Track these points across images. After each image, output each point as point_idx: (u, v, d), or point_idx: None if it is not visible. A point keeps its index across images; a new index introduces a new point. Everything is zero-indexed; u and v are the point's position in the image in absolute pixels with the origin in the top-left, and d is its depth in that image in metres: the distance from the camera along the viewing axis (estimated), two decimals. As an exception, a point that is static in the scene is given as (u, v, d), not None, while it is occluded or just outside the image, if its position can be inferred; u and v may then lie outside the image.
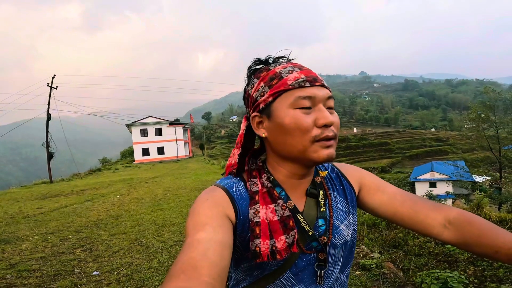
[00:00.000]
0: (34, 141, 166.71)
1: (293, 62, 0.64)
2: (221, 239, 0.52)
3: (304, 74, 0.60)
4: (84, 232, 4.74)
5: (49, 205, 7.58)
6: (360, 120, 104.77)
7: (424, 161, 45.43)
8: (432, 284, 2.09)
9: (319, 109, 0.59)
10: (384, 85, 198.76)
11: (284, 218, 0.61)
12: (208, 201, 0.60)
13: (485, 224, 0.61)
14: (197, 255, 0.47)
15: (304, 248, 0.63)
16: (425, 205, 0.67)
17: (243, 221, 0.61)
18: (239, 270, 0.66)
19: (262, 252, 0.58)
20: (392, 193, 0.70)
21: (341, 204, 0.70)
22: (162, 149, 36.41)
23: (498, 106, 17.95)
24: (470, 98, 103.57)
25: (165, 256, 3.51)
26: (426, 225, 0.65)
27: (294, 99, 0.58)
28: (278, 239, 0.59)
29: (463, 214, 0.64)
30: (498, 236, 0.57)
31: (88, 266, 3.24)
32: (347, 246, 0.68)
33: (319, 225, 0.65)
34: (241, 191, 0.64)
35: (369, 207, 0.72)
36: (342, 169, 0.76)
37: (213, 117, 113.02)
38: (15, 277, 2.94)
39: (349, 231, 0.68)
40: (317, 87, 0.59)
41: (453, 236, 0.63)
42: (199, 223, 0.55)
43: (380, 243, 4.01)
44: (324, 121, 0.58)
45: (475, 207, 5.70)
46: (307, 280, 0.64)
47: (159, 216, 5.71)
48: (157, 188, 10.10)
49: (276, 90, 0.59)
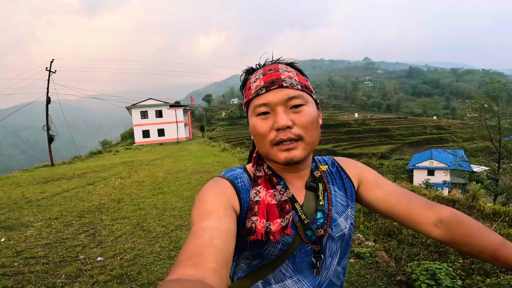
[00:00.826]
0: (34, 124, 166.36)
1: (267, 66, 0.67)
2: (226, 228, 0.54)
3: (264, 80, 0.63)
4: (87, 217, 4.84)
5: (52, 189, 7.69)
6: (362, 106, 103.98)
7: (424, 148, 45.48)
8: (421, 275, 2.18)
9: (275, 112, 0.62)
10: (388, 72, 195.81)
11: (282, 202, 0.64)
12: (213, 191, 0.62)
13: (474, 225, 0.64)
14: (203, 243, 0.49)
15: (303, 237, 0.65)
16: (419, 203, 0.70)
17: (246, 211, 0.63)
18: (240, 259, 0.68)
19: (257, 230, 0.59)
20: (389, 190, 0.73)
21: (340, 198, 0.72)
22: (162, 131, 36.40)
23: (502, 97, 17.80)
24: (474, 88, 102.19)
25: (167, 241, 3.61)
26: (419, 223, 0.69)
27: (253, 107, 0.64)
28: (274, 221, 0.61)
29: (454, 215, 0.67)
30: (484, 237, 0.61)
31: (92, 251, 3.34)
32: (344, 239, 0.71)
33: (317, 218, 0.67)
34: (245, 182, 0.67)
35: (366, 202, 0.75)
36: (343, 164, 0.78)
37: (213, 99, 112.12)
38: (22, 264, 3.01)
39: (347, 225, 0.71)
40: (274, 90, 0.62)
41: (443, 234, 0.67)
42: (205, 212, 0.57)
43: (375, 231, 4.11)
44: (276, 125, 0.61)
45: (470, 198, 5.80)
46: (305, 271, 0.67)
47: (159, 200, 5.82)
48: (158, 170, 10.19)
49: (246, 100, 0.67)
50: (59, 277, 2.71)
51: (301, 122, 0.61)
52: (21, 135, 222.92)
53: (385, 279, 2.49)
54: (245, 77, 0.71)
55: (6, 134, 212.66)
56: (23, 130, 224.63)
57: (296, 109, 0.62)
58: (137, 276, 2.71)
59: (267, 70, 0.65)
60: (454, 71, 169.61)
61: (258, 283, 0.67)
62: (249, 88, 0.66)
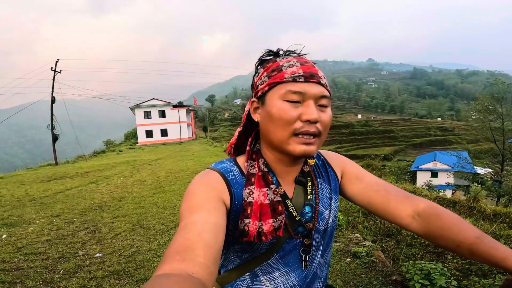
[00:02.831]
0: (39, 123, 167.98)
1: (301, 57, 0.66)
2: (215, 222, 0.53)
3: (302, 69, 0.62)
4: (88, 214, 4.89)
5: (55, 187, 7.76)
6: (365, 107, 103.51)
7: (427, 150, 45.19)
8: (415, 275, 2.17)
9: (307, 104, 0.61)
10: (392, 73, 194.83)
11: (274, 202, 0.64)
12: (203, 184, 0.62)
13: (451, 218, 0.62)
14: (192, 237, 0.48)
15: (292, 233, 0.66)
16: (397, 195, 0.69)
17: (237, 205, 0.63)
18: (230, 252, 0.69)
19: (249, 232, 0.60)
20: (369, 182, 0.73)
21: (326, 191, 0.73)
22: (165, 131, 36.56)
23: (506, 98, 17.62)
24: (479, 89, 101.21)
25: (165, 238, 3.63)
26: (396, 216, 0.68)
27: (285, 91, 0.61)
28: (266, 222, 0.61)
29: (431, 207, 0.66)
30: (461, 231, 0.59)
31: (91, 248, 3.37)
32: (328, 232, 0.71)
33: (305, 212, 0.68)
34: (236, 176, 0.67)
35: (347, 195, 0.76)
36: (327, 157, 0.79)
37: (216, 100, 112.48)
38: (22, 260, 3.04)
39: (331, 217, 0.71)
40: (312, 83, 0.61)
41: (420, 227, 0.65)
42: (194, 205, 0.56)
43: (374, 231, 4.10)
44: (307, 117, 0.59)
45: (471, 199, 5.76)
46: (293, 264, 0.68)
47: (160, 198, 5.86)
48: (160, 170, 10.24)
49: (272, 81, 0.63)
50: (58, 273, 2.75)
51: (324, 121, 0.62)
52: (26, 134, 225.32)
53: (380, 279, 2.49)
54: (265, 57, 0.69)
55: (11, 133, 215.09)
56: (28, 129, 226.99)
57: (322, 108, 0.63)
58: (134, 272, 2.73)
59: (303, 61, 0.64)
60: (459, 73, 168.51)
61: (245, 276, 0.68)
62: (280, 70, 0.63)
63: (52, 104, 17.86)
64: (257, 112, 0.67)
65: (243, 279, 0.68)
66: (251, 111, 0.69)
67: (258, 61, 0.70)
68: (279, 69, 0.63)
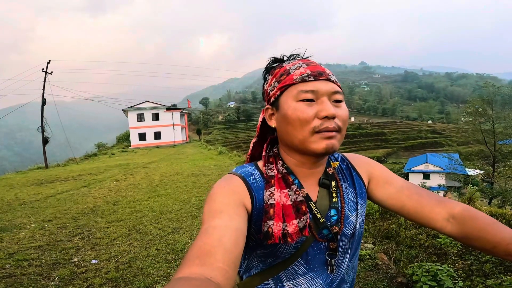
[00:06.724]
0: (29, 125, 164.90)
1: (306, 59, 0.67)
2: (236, 227, 0.53)
3: (310, 69, 0.63)
4: (82, 219, 4.76)
5: (45, 191, 7.58)
6: (358, 110, 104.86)
7: (419, 152, 45.90)
8: (422, 277, 2.16)
9: (322, 101, 0.61)
10: (384, 76, 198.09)
11: (297, 203, 0.63)
12: (225, 189, 0.62)
13: (487, 219, 0.63)
14: (212, 241, 0.49)
15: (317, 236, 0.65)
16: (431, 199, 0.69)
17: (259, 209, 0.63)
18: (252, 257, 0.67)
19: (274, 234, 0.59)
20: (400, 187, 0.72)
21: (351, 195, 0.72)
22: (158, 134, 36.25)
23: (496, 101, 18.04)
24: (469, 92, 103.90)
25: (163, 243, 3.55)
26: (431, 219, 0.68)
27: (297, 92, 0.62)
28: (290, 223, 0.60)
29: (467, 210, 0.66)
30: (497, 232, 0.60)
31: (86, 254, 3.26)
32: (356, 236, 0.70)
33: (331, 215, 0.67)
34: (257, 180, 0.66)
35: (377, 199, 0.75)
36: (352, 160, 0.77)
37: (210, 102, 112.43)
38: (14, 266, 2.94)
39: (358, 222, 0.70)
40: (322, 81, 0.62)
41: (456, 230, 0.66)
42: (215, 210, 0.56)
43: (373, 233, 4.10)
44: (324, 113, 0.59)
45: (466, 201, 5.82)
46: (319, 269, 0.66)
47: (156, 202, 5.75)
48: (154, 173, 10.10)
49: (283, 84, 0.64)
50: (52, 280, 2.64)
51: (341, 116, 0.62)
52: (16, 136, 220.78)
53: (386, 281, 2.47)
54: (271, 65, 0.70)
55: (0, 135, 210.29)
56: (17, 131, 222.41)
57: (337, 104, 0.63)
58: (133, 279, 2.64)
59: (308, 62, 0.66)
60: (449, 76, 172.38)
61: (269, 281, 0.66)
62: (288, 74, 0.64)
63: (42, 106, 17.51)
64: (273, 119, 0.68)
65: (267, 284, 0.66)
66: (266, 118, 0.69)
67: (265, 70, 0.71)
68: (287, 73, 0.64)
